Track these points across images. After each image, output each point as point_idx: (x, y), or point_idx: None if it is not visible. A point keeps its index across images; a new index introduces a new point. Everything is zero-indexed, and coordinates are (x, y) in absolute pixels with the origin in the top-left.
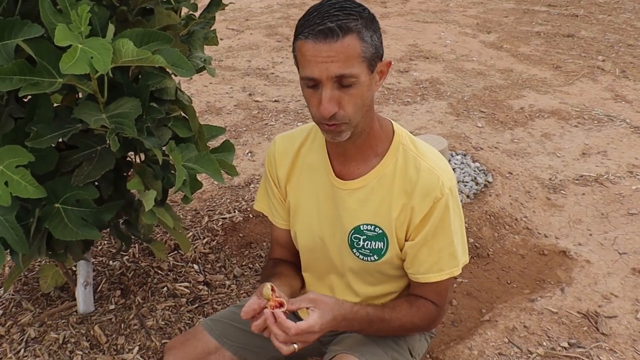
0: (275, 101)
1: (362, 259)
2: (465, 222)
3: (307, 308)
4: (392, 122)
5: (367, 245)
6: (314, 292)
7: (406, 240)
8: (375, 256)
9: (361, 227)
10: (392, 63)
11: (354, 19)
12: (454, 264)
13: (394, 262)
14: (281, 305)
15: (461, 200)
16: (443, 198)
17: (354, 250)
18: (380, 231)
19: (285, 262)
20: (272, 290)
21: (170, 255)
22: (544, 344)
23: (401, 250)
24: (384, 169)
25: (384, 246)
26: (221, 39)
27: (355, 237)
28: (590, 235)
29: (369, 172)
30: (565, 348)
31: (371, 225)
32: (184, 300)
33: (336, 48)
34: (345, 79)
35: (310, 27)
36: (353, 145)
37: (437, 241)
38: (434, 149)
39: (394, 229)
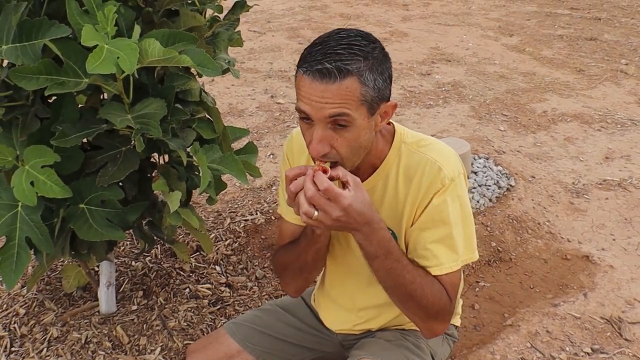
0: None
1: None
2: (488, 226)
3: (347, 186)
4: (394, 123)
5: None
6: (360, 181)
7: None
8: None
9: None
10: (415, 66)
11: (358, 60)
12: (453, 258)
13: None
14: (325, 171)
15: (483, 204)
16: (443, 188)
17: None
18: (390, 232)
19: None
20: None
21: (193, 257)
22: (567, 349)
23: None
24: (387, 170)
25: None
26: (243, 41)
27: None
28: (614, 240)
29: (370, 175)
30: (588, 354)
31: None
32: (206, 301)
33: (332, 90)
34: (340, 120)
35: (310, 62)
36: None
37: (435, 232)
38: (440, 141)
39: (404, 229)
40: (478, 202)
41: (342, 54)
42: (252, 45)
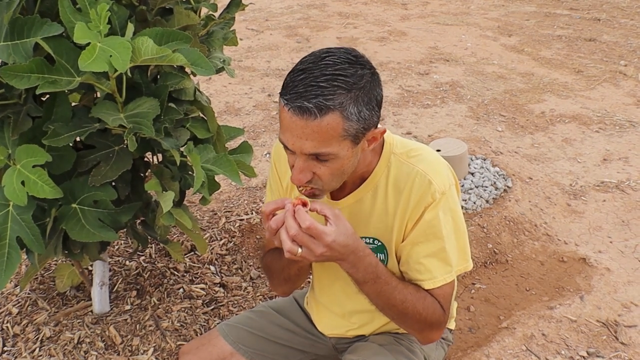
0: None
1: None
2: (484, 228)
3: (327, 219)
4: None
5: None
6: (340, 211)
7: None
8: None
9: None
10: (413, 66)
11: (341, 94)
12: (447, 270)
13: (395, 273)
14: (304, 204)
15: (480, 205)
16: (434, 202)
17: None
18: (380, 243)
19: None
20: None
21: (187, 256)
22: (563, 352)
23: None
24: (376, 182)
25: (384, 257)
26: (241, 39)
27: None
28: (611, 242)
29: (358, 187)
30: (584, 357)
31: (369, 238)
32: (199, 301)
33: (312, 127)
34: (322, 156)
35: (291, 94)
36: None
37: (427, 246)
38: (431, 150)
39: (394, 241)
40: (475, 203)
41: (324, 87)
42: (249, 43)
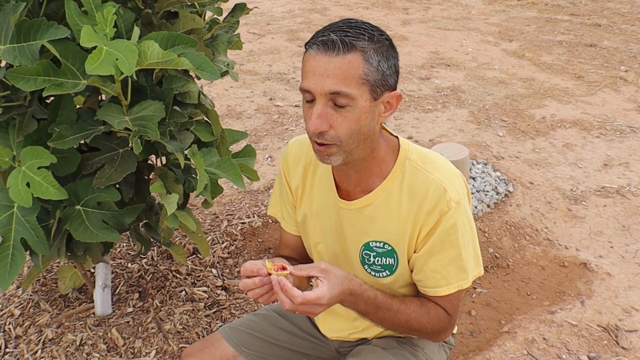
0: (295, 106)
1: (374, 275)
2: (486, 232)
3: (317, 278)
4: (399, 137)
5: (377, 261)
6: (325, 262)
7: (414, 252)
8: (387, 272)
9: (370, 243)
10: (414, 70)
11: (364, 39)
12: (463, 277)
13: (406, 279)
14: (283, 268)
15: (481, 210)
16: (450, 212)
17: (365, 266)
18: (390, 248)
19: (292, 259)
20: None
21: (189, 259)
22: (563, 356)
23: (408, 262)
24: (390, 186)
25: (394, 262)
26: (242, 43)
27: (365, 254)
28: (611, 247)
29: (372, 190)
30: None
31: (380, 242)
32: (201, 304)
33: (335, 63)
34: (340, 98)
35: (317, 37)
36: (356, 172)
37: (444, 255)
38: (444, 159)
39: (406, 245)
40: (476, 207)
41: (348, 31)
42: (251, 47)
